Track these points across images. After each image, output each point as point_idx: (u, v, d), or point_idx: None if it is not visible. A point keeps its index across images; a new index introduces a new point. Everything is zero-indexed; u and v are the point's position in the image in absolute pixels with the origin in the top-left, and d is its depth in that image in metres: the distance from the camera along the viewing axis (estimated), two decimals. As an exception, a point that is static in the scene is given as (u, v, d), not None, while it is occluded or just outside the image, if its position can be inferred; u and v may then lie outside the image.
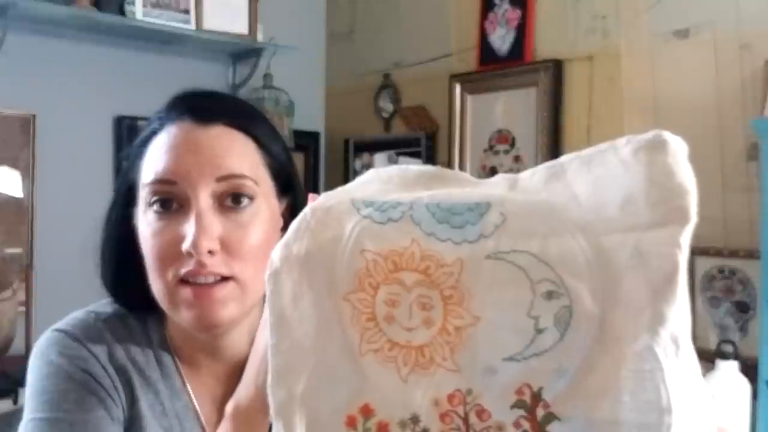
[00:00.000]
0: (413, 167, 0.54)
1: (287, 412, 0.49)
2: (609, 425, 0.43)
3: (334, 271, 0.49)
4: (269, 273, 0.51)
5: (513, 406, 0.45)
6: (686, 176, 0.45)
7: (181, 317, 0.72)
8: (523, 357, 0.45)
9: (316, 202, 0.53)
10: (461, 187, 0.52)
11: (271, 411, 0.50)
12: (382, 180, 0.53)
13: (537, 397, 0.45)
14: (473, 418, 0.46)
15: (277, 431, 0.50)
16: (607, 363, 0.43)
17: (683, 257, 0.43)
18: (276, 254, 0.52)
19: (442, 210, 0.49)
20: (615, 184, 0.46)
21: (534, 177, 0.50)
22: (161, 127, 0.74)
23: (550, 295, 0.44)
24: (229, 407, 0.64)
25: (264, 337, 0.61)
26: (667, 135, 0.46)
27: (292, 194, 0.81)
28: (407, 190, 0.52)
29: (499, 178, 0.52)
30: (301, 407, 0.49)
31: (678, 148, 0.46)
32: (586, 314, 0.44)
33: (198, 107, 0.75)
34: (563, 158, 0.50)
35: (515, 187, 0.50)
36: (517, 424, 0.45)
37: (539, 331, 0.44)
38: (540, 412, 0.44)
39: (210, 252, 0.69)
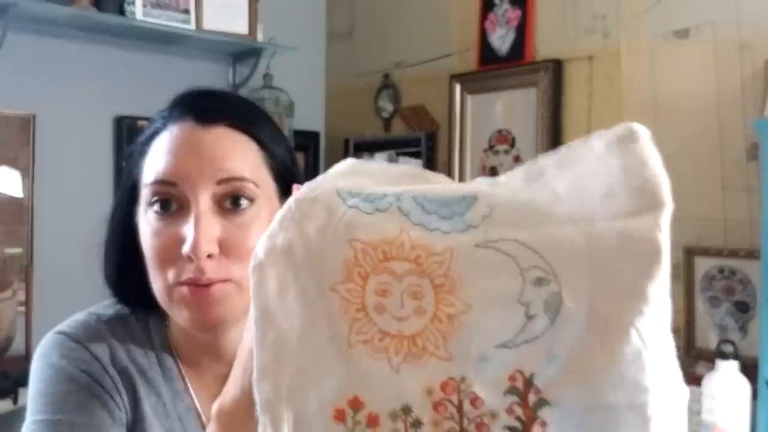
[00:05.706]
0: (396, 166, 0.54)
1: (274, 407, 0.48)
2: (600, 408, 0.43)
3: (321, 261, 0.48)
4: (253, 265, 0.50)
5: (506, 393, 0.45)
6: (657, 164, 0.46)
7: (178, 316, 0.72)
8: (514, 344, 0.45)
9: (300, 192, 0.52)
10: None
11: (257, 406, 0.49)
12: (366, 173, 0.53)
13: (529, 383, 0.45)
14: (467, 406, 0.46)
15: (264, 427, 0.49)
16: (596, 347, 0.44)
17: (665, 240, 0.44)
18: (260, 246, 0.51)
19: (430, 201, 0.48)
20: (594, 179, 0.47)
21: (514, 177, 0.50)
22: (164, 126, 0.74)
23: (539, 282, 0.44)
24: (214, 408, 0.63)
25: (250, 335, 0.61)
26: (637, 126, 0.48)
27: None
28: (391, 186, 0.51)
29: (479, 179, 0.52)
30: (288, 402, 0.48)
31: (647, 138, 0.47)
32: (575, 300, 0.44)
33: (201, 108, 0.74)
34: (539, 160, 0.50)
35: (496, 187, 0.50)
36: (510, 410, 0.45)
37: (530, 318, 0.44)
38: (532, 398, 0.44)
39: (209, 255, 0.69)
